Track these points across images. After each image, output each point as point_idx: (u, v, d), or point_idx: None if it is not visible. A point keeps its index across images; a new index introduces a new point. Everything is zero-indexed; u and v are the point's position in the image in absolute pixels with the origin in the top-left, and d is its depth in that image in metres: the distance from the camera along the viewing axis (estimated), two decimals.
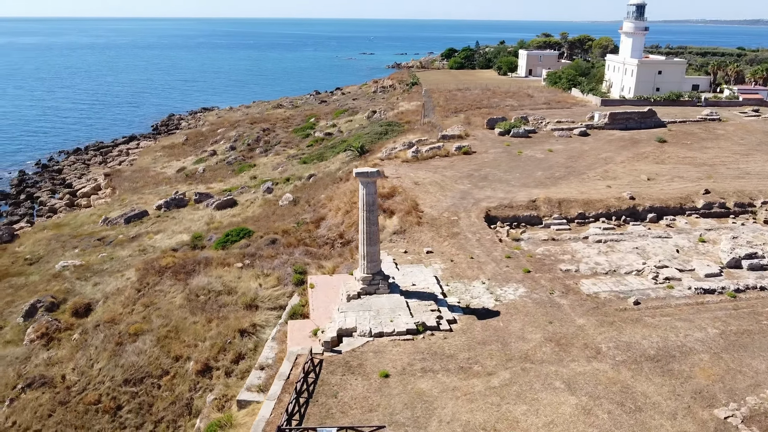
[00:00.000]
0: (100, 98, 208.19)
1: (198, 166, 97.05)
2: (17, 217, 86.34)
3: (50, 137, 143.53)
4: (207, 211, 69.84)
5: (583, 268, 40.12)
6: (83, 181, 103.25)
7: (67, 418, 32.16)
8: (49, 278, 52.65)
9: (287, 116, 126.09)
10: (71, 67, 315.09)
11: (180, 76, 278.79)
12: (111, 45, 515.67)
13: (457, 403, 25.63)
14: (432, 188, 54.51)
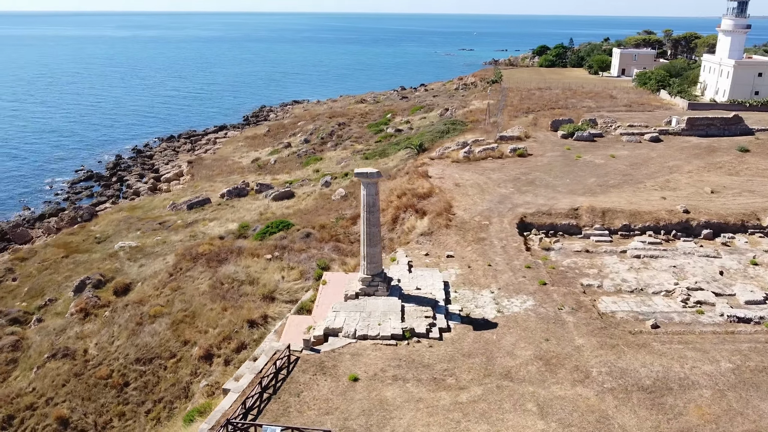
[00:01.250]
0: (204, 89, 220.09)
1: (271, 157, 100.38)
2: (105, 198, 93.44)
3: (152, 124, 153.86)
4: (264, 201, 72.09)
5: (607, 284, 37.55)
6: (169, 167, 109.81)
7: (78, 389, 34.52)
8: (105, 257, 56.61)
9: (366, 111, 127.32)
10: (185, 59, 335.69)
11: (282, 69, 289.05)
12: (225, 39, 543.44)
13: (416, 415, 24.91)
14: (472, 190, 53.10)
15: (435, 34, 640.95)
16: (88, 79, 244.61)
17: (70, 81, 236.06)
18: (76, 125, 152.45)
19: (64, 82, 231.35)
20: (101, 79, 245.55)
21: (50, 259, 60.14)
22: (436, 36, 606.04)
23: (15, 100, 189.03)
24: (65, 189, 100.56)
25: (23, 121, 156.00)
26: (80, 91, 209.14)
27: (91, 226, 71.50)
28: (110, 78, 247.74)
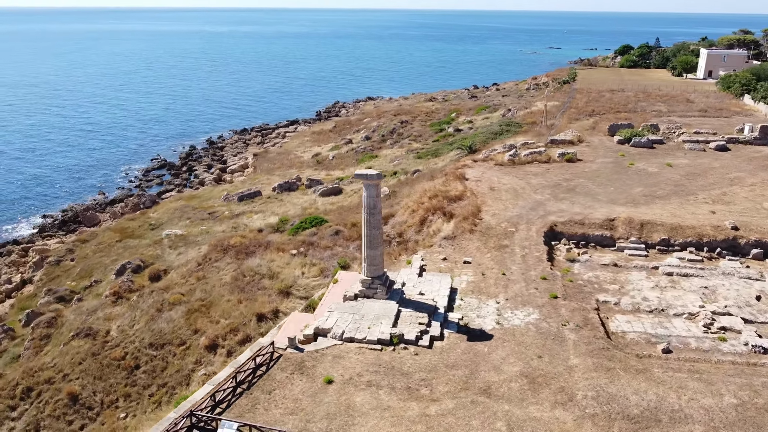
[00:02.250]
0: (286, 83, 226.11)
1: (331, 153, 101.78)
2: (172, 187, 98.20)
3: (231, 117, 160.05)
4: (312, 196, 73.23)
5: (625, 301, 35.32)
6: (236, 159, 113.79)
7: (92, 368, 36.51)
8: (151, 243, 59.49)
9: (432, 110, 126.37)
10: (272, 55, 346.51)
11: (363, 65, 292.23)
12: (313, 35, 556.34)
13: (378, 424, 24.48)
14: (506, 195, 51.47)
15: (523, 32, 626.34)
16: (180, 72, 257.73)
17: (164, 74, 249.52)
18: (162, 116, 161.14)
19: (158, 76, 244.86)
20: (192, 72, 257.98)
21: (105, 243, 63.95)
22: (525, 34, 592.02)
23: (114, 90, 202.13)
24: (138, 176, 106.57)
25: (117, 110, 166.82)
26: (171, 84, 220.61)
27: (150, 213, 75.30)
28: (200, 72, 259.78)
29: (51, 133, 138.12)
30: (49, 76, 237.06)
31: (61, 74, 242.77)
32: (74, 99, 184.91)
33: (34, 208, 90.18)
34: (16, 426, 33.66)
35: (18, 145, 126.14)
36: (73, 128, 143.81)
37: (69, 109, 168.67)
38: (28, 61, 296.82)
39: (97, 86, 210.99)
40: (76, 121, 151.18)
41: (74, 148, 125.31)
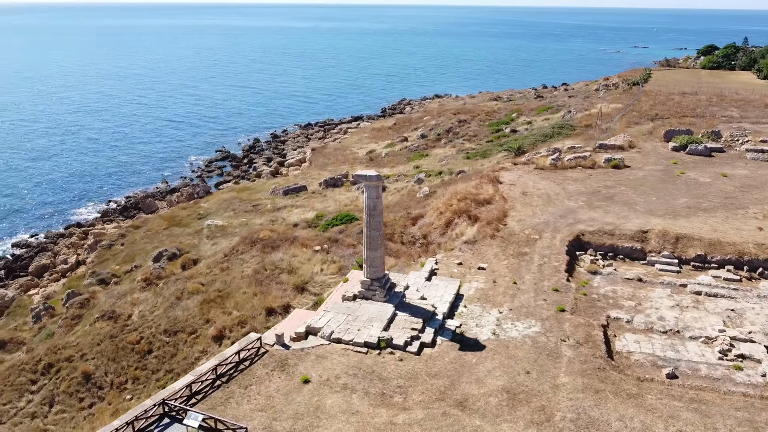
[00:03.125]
0: (358, 79, 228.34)
1: (385, 150, 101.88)
2: (230, 178, 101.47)
3: (301, 111, 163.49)
4: (355, 193, 73.52)
5: (639, 320, 33.27)
6: (295, 153, 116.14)
7: (108, 349, 38.33)
8: (193, 233, 61.72)
9: (494, 109, 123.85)
10: (350, 50, 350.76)
11: (436, 63, 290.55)
12: (392, 31, 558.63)
13: (342, 428, 24.28)
14: (537, 201, 49.68)
15: (609, 30, 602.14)
16: (259, 67, 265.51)
17: (243, 69, 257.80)
18: (236, 108, 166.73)
19: (238, 70, 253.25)
20: (270, 67, 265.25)
21: (154, 230, 66.92)
22: (611, 32, 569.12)
23: (195, 82, 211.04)
24: (201, 167, 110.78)
25: (195, 103, 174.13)
26: (248, 78, 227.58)
27: (202, 203, 78.13)
28: (278, 67, 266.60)
29: (134, 122, 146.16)
30: (139, 69, 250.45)
31: (150, 67, 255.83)
32: (160, 91, 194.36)
33: (103, 193, 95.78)
34: (33, 399, 35.88)
35: (107, 133, 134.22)
36: (154, 118, 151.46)
37: (153, 100, 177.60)
38: (123, 54, 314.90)
39: (181, 79, 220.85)
40: (158, 112, 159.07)
41: (150, 137, 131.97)
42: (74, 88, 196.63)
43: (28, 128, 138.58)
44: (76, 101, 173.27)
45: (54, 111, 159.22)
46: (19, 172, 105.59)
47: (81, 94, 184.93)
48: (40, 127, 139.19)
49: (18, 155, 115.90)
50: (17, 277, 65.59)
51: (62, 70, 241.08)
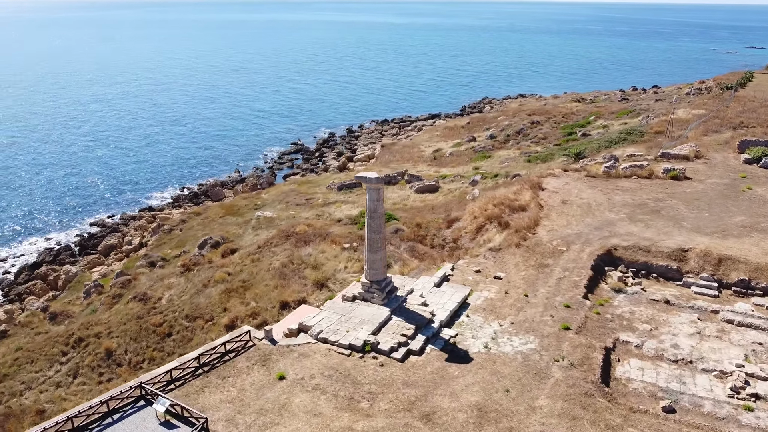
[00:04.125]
0: (445, 76, 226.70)
1: (451, 149, 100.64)
2: (299, 171, 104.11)
3: (382, 106, 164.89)
4: (406, 192, 73.36)
5: (650, 345, 30.97)
6: (365, 148, 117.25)
7: (132, 329, 40.59)
8: (242, 223, 63.94)
9: (573, 111, 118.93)
10: (443, 47, 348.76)
11: (530, 61, 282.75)
12: (489, 28, 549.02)
13: (300, 428, 24.45)
14: (576, 210, 47.32)
15: (724, 28, 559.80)
16: (351, 61, 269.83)
17: (335, 63, 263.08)
18: (321, 101, 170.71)
19: (329, 65, 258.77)
20: (362, 62, 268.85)
21: (210, 217, 69.98)
22: (726, 30, 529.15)
23: (287, 74, 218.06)
24: (274, 158, 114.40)
25: (283, 94, 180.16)
26: (338, 72, 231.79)
27: (262, 194, 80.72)
28: (369, 62, 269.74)
29: (226, 113, 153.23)
30: (241, 62, 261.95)
31: (252, 61, 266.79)
32: (255, 83, 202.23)
33: (181, 179, 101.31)
34: (61, 369, 38.68)
35: (199, 123, 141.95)
36: (246, 109, 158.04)
37: (248, 92, 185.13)
38: (230, 47, 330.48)
39: (277, 72, 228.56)
40: (250, 103, 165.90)
41: (237, 127, 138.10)
42: (178, 80, 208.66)
43: (135, 117, 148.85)
44: (177, 93, 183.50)
45: (159, 102, 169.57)
46: (120, 154, 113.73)
47: (183, 86, 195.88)
48: (145, 116, 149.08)
49: (122, 141, 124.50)
50: (88, 254, 70.78)
51: (172, 63, 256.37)
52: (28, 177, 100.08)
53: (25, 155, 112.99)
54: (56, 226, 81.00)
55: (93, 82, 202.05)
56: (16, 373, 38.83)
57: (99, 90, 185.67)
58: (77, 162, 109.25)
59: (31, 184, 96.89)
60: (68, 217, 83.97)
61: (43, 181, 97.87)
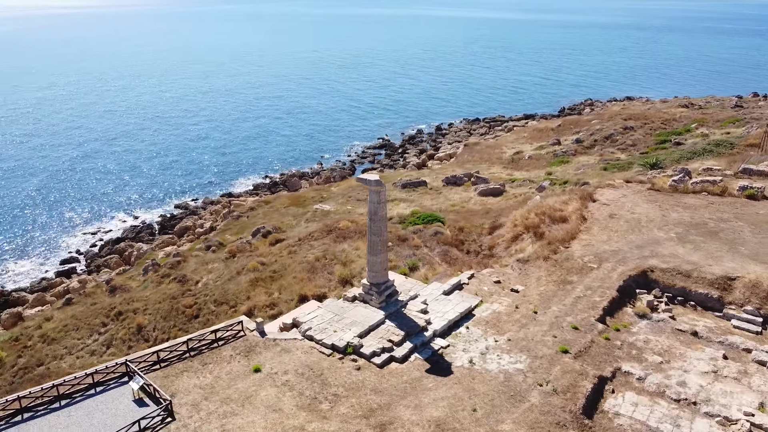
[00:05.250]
0: (553, 74, 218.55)
1: (530, 152, 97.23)
2: (378, 166, 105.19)
3: (479, 104, 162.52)
4: (469, 194, 71.93)
5: (653, 380, 28.44)
6: (449, 147, 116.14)
7: (163, 308, 43.23)
8: (300, 214, 65.77)
9: (675, 117, 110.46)
10: (557, 44, 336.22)
11: (649, 62, 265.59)
12: (611, 25, 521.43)
13: (254, 421, 25.03)
14: (621, 226, 44.16)
15: None
16: (457, 57, 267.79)
17: (441, 58, 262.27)
18: (417, 96, 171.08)
19: (434, 61, 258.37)
20: (468, 58, 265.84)
21: (276, 207, 72.64)
22: None
23: (387, 69, 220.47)
24: (358, 152, 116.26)
25: (380, 88, 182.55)
26: (442, 68, 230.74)
27: (332, 187, 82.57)
28: (475, 58, 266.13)
29: (324, 105, 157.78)
30: (354, 56, 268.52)
31: (364, 54, 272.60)
32: (368, 76, 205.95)
33: (267, 167, 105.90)
34: (99, 339, 42.03)
35: (295, 113, 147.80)
36: (346, 101, 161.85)
37: (359, 85, 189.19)
38: (351, 40, 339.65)
39: (385, 66, 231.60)
40: (350, 95, 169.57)
41: (332, 119, 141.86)
42: (295, 73, 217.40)
43: (246, 109, 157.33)
44: (292, 85, 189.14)
45: (275, 93, 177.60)
46: (223, 143, 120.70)
47: (299, 79, 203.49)
48: (256, 107, 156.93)
49: (230, 130, 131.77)
50: (165, 234, 75.98)
51: (290, 56, 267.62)
52: (140, 160, 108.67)
53: (144, 141, 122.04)
54: (145, 206, 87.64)
55: (210, 73, 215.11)
56: (62, 338, 42.70)
57: (219, 81, 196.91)
58: (185, 148, 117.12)
59: (141, 165, 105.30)
60: (158, 199, 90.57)
61: (150, 165, 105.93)
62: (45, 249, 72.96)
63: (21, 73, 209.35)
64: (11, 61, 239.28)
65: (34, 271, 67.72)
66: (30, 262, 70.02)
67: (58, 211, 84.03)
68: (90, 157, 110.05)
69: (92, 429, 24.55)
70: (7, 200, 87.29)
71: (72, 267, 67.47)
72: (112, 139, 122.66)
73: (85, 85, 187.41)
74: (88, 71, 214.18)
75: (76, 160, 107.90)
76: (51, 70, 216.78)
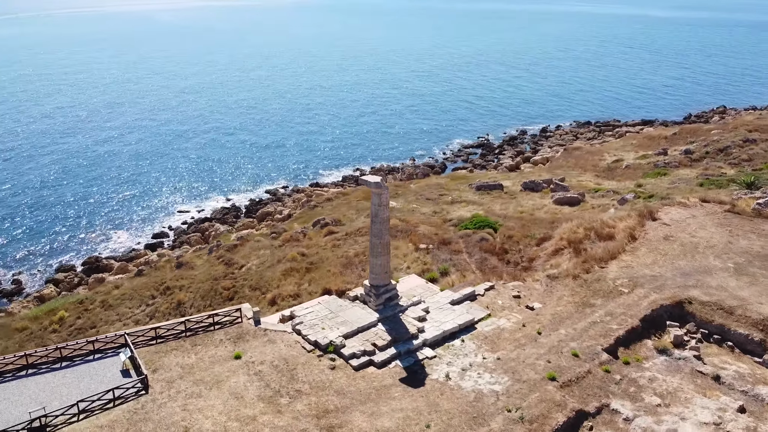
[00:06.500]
0: (687, 77, 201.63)
1: (630, 161, 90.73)
2: (469, 166, 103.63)
3: (594, 106, 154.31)
4: (545, 201, 68.79)
5: (641, 422, 25.91)
6: (549, 150, 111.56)
7: (204, 287, 46.03)
8: (365, 208, 66.53)
9: None
10: (703, 44, 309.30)
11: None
12: (737, 23, 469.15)
13: (214, 405, 26.15)
14: (673, 250, 40.17)
15: None
16: (589, 57, 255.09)
17: (572, 57, 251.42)
18: (529, 96, 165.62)
19: (563, 60, 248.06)
20: (599, 58, 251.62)
21: (350, 200, 74.18)
22: None
23: (510, 66, 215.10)
24: (454, 151, 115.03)
25: (497, 85, 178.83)
26: (571, 67, 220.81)
27: (411, 185, 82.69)
28: (606, 57, 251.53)
29: (439, 101, 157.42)
30: (477, 52, 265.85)
31: (489, 52, 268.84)
32: (475, 73, 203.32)
33: (360, 159, 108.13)
34: (145, 310, 45.69)
35: (405, 106, 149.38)
36: (456, 97, 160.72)
37: (468, 82, 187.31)
38: (473, 35, 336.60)
39: (509, 63, 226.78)
40: (462, 93, 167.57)
41: (436, 115, 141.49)
42: (410, 69, 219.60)
43: (352, 100, 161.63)
44: (406, 81, 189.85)
45: (389, 88, 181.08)
46: (324, 132, 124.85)
47: (410, 76, 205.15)
48: (367, 100, 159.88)
49: (334, 119, 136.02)
50: (249, 217, 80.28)
51: (410, 51, 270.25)
52: (254, 147, 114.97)
53: (263, 130, 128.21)
54: (241, 190, 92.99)
55: (339, 69, 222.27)
56: (117, 306, 46.95)
57: (344, 77, 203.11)
58: (286, 135, 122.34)
59: (254, 152, 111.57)
60: (255, 183, 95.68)
61: (262, 152, 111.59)
62: (143, 223, 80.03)
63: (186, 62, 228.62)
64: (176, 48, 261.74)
65: (129, 241, 74.60)
66: (128, 233, 77.19)
67: (166, 188, 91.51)
68: (210, 142, 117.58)
69: (77, 392, 26.96)
70: (125, 175, 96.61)
71: (160, 241, 73.51)
72: (234, 129, 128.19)
73: (224, 75, 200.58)
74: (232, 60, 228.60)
75: (199, 144, 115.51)
76: (202, 58, 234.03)
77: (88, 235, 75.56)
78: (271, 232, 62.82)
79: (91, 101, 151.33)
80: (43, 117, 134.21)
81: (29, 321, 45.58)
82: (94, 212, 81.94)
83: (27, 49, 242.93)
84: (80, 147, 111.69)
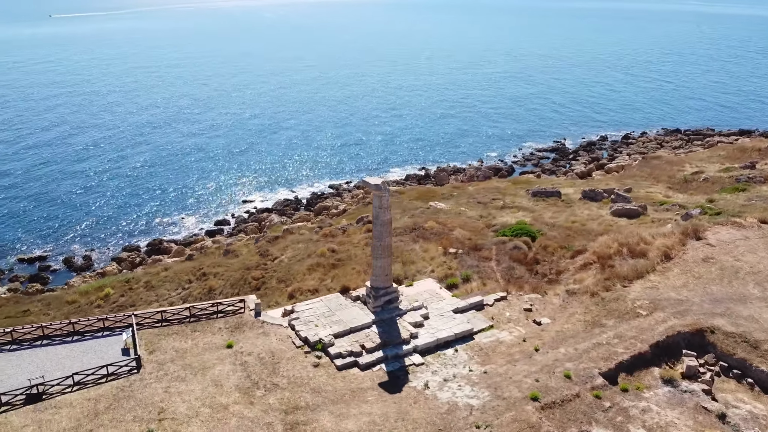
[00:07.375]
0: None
1: (711, 174, 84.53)
2: (537, 171, 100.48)
3: (691, 113, 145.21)
4: (602, 212, 65.55)
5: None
6: (627, 158, 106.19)
7: (234, 276, 47.84)
8: (412, 208, 66.44)
9: None
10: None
11: None
12: None
13: (194, 390, 27.35)
14: (709, 273, 37.20)
15: None
16: (698, 59, 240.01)
17: (675, 60, 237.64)
18: (623, 99, 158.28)
19: (667, 62, 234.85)
20: (707, 61, 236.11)
21: (401, 199, 74.15)
22: None
23: (597, 67, 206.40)
24: (525, 154, 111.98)
25: (587, 87, 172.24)
26: (671, 70, 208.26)
27: (469, 187, 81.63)
28: (714, 62, 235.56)
29: (525, 100, 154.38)
30: (557, 51, 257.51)
31: (560, 49, 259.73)
32: (566, 74, 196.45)
33: (426, 159, 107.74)
34: (181, 293, 48.12)
35: (478, 106, 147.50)
36: (543, 99, 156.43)
37: (550, 82, 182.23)
38: (562, 36, 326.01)
39: (589, 65, 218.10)
40: (546, 95, 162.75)
41: (520, 115, 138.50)
42: (510, 69, 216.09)
43: (441, 98, 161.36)
44: (501, 82, 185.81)
45: (484, 88, 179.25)
46: (404, 130, 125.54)
47: (507, 77, 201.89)
48: (461, 98, 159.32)
49: (418, 117, 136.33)
50: (308, 210, 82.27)
51: (510, 52, 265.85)
52: (327, 139, 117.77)
53: (339, 124, 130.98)
54: (305, 183, 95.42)
55: (429, 70, 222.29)
56: (158, 287, 49.78)
57: (438, 78, 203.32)
58: (368, 132, 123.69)
59: (325, 144, 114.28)
60: (319, 177, 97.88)
61: (333, 147, 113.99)
62: (211, 210, 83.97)
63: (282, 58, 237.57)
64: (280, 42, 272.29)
65: (194, 226, 78.60)
66: (195, 218, 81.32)
67: (241, 179, 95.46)
68: (286, 136, 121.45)
69: (78, 365, 29.02)
70: (201, 164, 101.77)
71: (220, 228, 76.92)
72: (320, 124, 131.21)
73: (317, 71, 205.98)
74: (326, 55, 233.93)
75: (284, 138, 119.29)
76: (295, 54, 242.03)
77: (160, 219, 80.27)
78: (317, 226, 64.11)
79: (192, 93, 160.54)
80: (147, 107, 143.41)
81: (79, 295, 49.30)
82: (171, 199, 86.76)
83: (136, 44, 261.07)
84: (173, 138, 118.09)
